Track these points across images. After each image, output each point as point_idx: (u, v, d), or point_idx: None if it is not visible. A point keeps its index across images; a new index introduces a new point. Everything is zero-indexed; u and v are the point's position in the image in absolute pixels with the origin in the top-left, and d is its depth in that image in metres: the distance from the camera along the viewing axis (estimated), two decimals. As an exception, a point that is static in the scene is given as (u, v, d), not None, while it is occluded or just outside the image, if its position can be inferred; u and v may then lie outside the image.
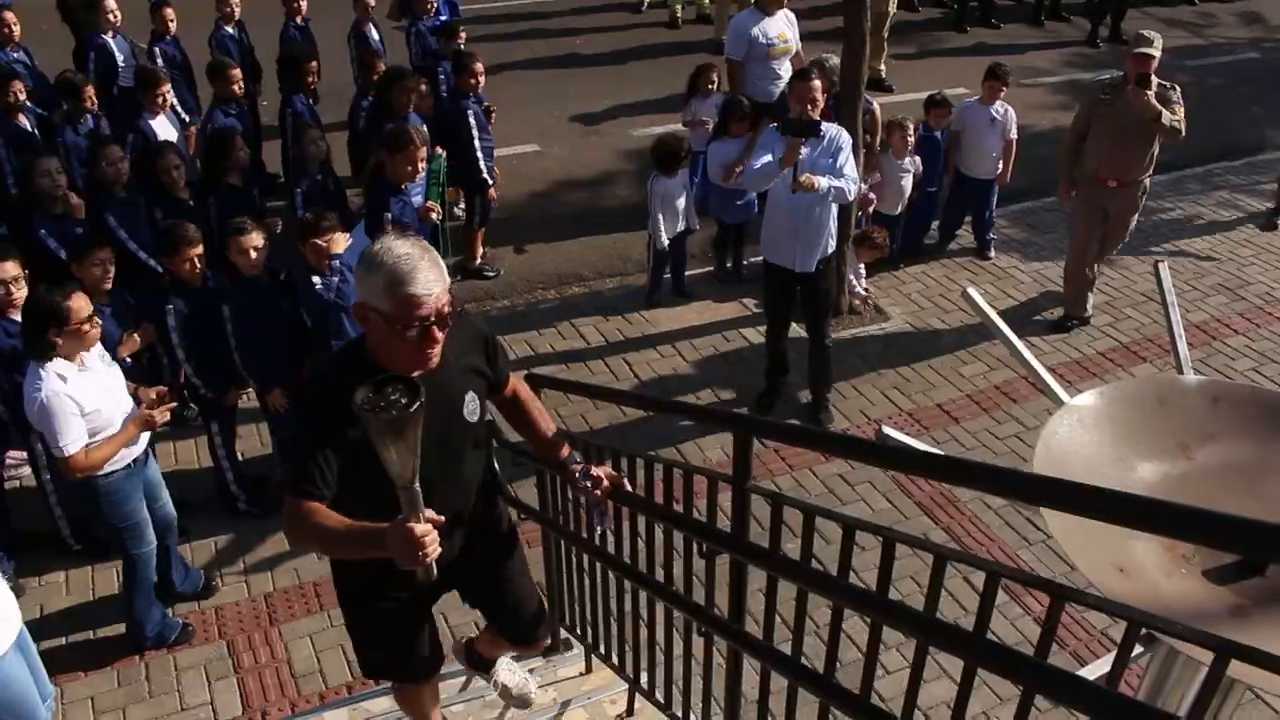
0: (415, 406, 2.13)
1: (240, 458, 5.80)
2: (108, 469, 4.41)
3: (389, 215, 5.47)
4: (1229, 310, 7.77)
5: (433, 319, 2.48)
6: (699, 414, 3.85)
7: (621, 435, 6.17)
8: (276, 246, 5.71)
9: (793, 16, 8.46)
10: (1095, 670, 1.87)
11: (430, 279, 2.45)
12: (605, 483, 3.01)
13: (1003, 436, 6.33)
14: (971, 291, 2.77)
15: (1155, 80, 6.59)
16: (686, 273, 7.80)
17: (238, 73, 7.26)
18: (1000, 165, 8.03)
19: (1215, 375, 6.97)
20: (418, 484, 2.24)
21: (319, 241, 5.19)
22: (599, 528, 3.28)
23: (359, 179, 7.49)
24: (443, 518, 2.36)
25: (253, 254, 5.14)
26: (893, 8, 11.32)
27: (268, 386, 5.37)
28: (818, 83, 5.74)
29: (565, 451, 3.17)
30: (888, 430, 2.14)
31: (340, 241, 5.26)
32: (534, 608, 3.43)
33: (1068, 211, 7.68)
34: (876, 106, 7.86)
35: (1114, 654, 1.59)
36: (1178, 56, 13.02)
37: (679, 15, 13.06)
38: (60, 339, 4.17)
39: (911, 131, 7.60)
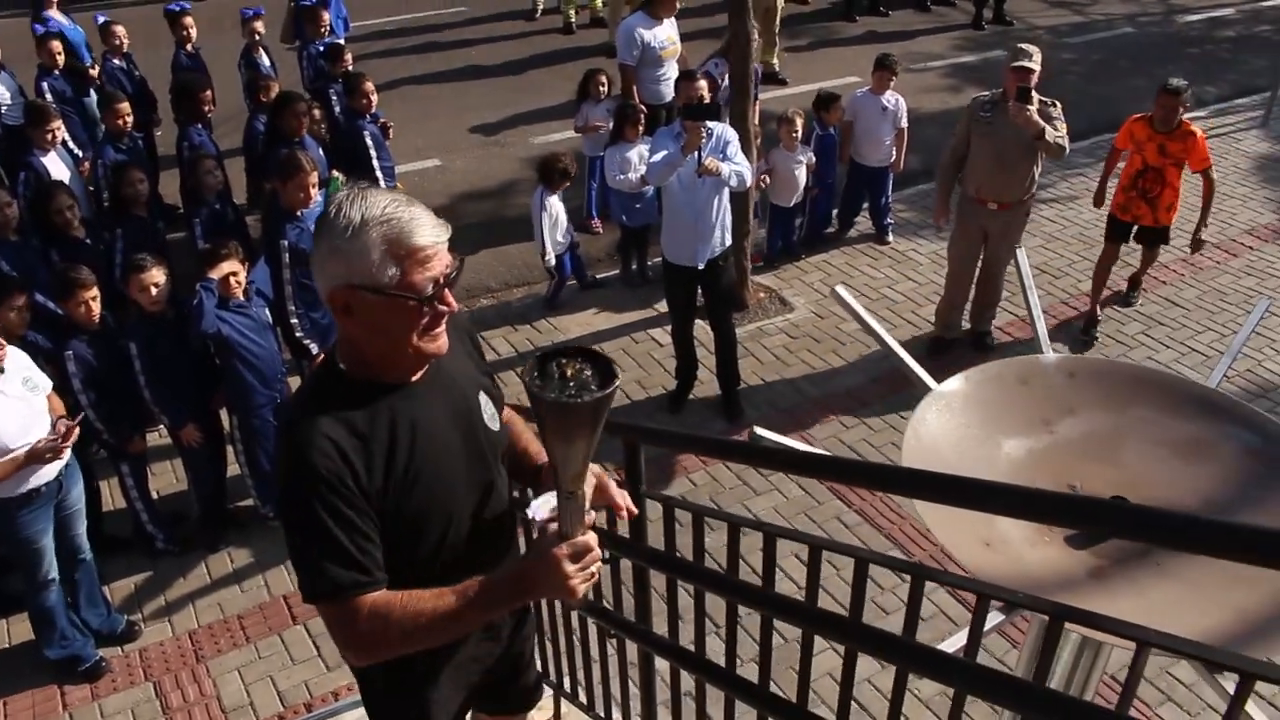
0: (611, 385, 1.71)
1: (155, 495, 5.77)
2: (4, 494, 4.38)
3: (285, 244, 5.47)
4: (1118, 278, 8.04)
5: (444, 279, 1.94)
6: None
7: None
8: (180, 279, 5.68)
9: (674, 20, 8.61)
10: (956, 643, 1.99)
11: (433, 224, 1.93)
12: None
13: (907, 417, 6.47)
14: (840, 290, 2.88)
15: (1037, 96, 6.29)
16: (597, 275, 7.90)
17: (125, 106, 7.17)
18: (893, 153, 8.24)
19: (1109, 341, 7.25)
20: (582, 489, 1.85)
21: (224, 268, 5.19)
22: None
23: (257, 206, 7.46)
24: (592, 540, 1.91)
25: (154, 290, 5.10)
26: (780, 1, 11.51)
27: (180, 422, 5.34)
28: (703, 82, 6.09)
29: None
30: (760, 431, 2.24)
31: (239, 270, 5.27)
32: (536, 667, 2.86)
33: (940, 230, 7.53)
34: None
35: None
36: (1060, 35, 13.43)
37: (573, 20, 13.12)
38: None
39: (799, 126, 7.74)
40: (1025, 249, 8.04)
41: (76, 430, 4.54)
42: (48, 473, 4.52)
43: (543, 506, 2.06)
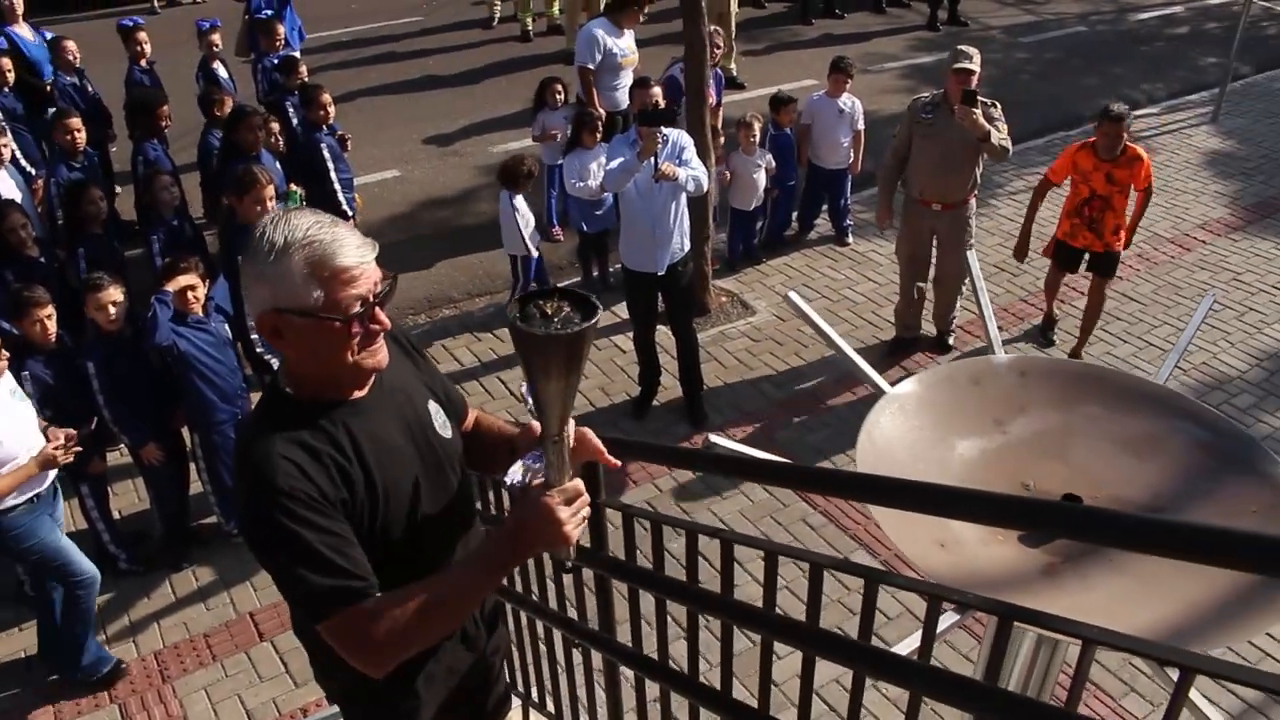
0: (594, 317, 1.75)
1: (118, 515, 5.73)
2: (7, 503, 4.40)
3: (243, 258, 5.43)
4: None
5: (374, 297, 1.94)
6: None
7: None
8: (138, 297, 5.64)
9: (631, 31, 8.65)
10: (911, 644, 2.02)
11: (358, 243, 1.92)
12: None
13: (871, 417, 6.54)
14: (793, 296, 2.91)
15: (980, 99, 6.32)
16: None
17: (76, 122, 7.09)
18: (851, 155, 8.30)
19: (1068, 338, 7.33)
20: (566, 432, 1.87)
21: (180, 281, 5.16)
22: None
23: (216, 221, 7.41)
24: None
25: (111, 310, 5.06)
26: (734, 6, 11.57)
27: (140, 441, 5.30)
28: (657, 89, 6.08)
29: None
30: (715, 439, 2.25)
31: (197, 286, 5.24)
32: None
33: (882, 232, 7.59)
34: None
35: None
36: (1014, 34, 13.59)
37: (530, 29, 13.13)
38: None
39: (757, 130, 7.79)
40: (982, 247, 8.21)
41: (75, 436, 4.60)
42: (42, 479, 4.57)
43: (520, 470, 2.05)
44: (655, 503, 5.90)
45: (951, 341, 7.18)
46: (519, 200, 7.19)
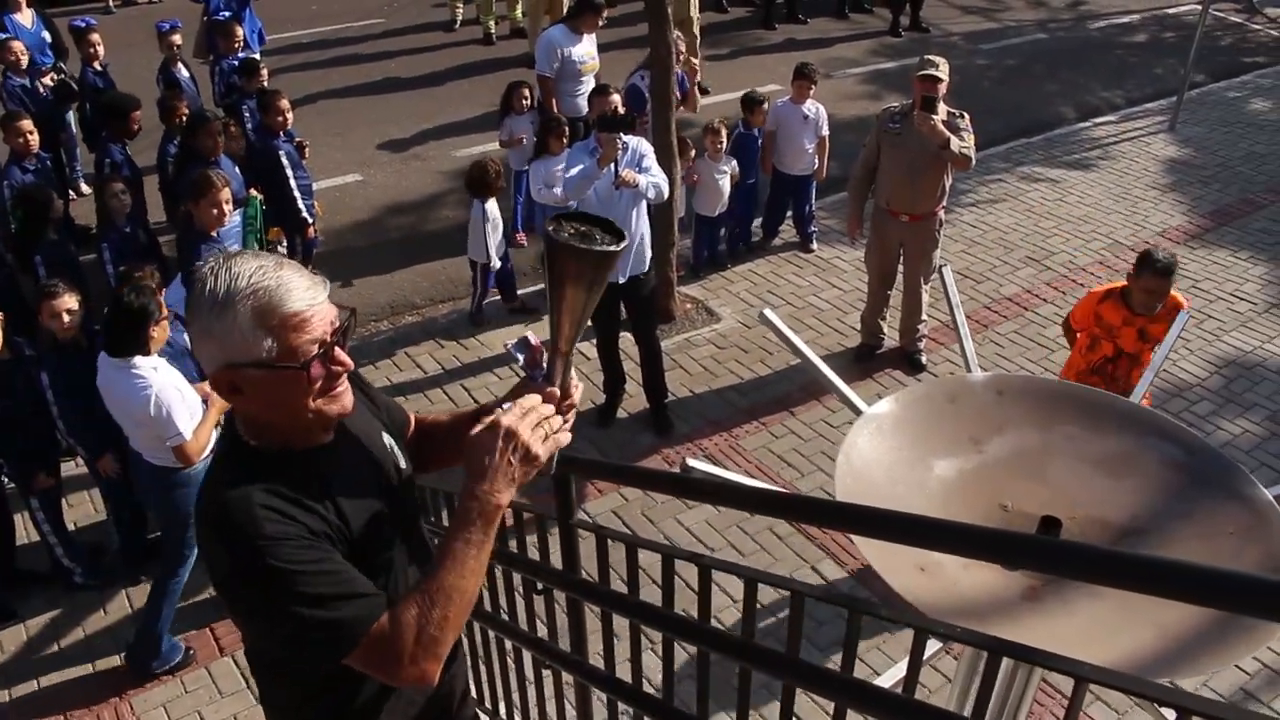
0: (622, 244, 1.82)
1: (73, 526, 5.61)
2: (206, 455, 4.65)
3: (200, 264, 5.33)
4: (1037, 280, 8.21)
5: (332, 337, 1.84)
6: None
7: (452, 474, 6.15)
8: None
9: (592, 35, 8.60)
10: (896, 674, 1.99)
11: (306, 284, 1.82)
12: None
13: (837, 425, 6.53)
14: (768, 313, 2.87)
15: (944, 107, 6.35)
16: (520, 291, 7.84)
17: (27, 124, 6.95)
18: (816, 161, 8.30)
19: (1029, 344, 7.37)
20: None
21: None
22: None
23: (174, 225, 7.29)
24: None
25: (65, 317, 4.95)
26: (695, 11, 11.54)
27: (97, 452, 5.18)
28: (616, 96, 6.07)
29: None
30: (692, 462, 2.22)
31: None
32: None
33: (853, 243, 7.54)
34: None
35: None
36: (974, 41, 13.68)
37: (493, 31, 13.03)
38: (154, 334, 4.59)
39: (725, 136, 7.77)
40: (944, 254, 8.22)
41: None
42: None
43: (521, 345, 2.02)
44: (621, 512, 5.86)
45: (923, 360, 7.17)
46: (490, 206, 7.13)
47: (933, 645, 2.07)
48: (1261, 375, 7.07)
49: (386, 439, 2.16)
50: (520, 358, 2.01)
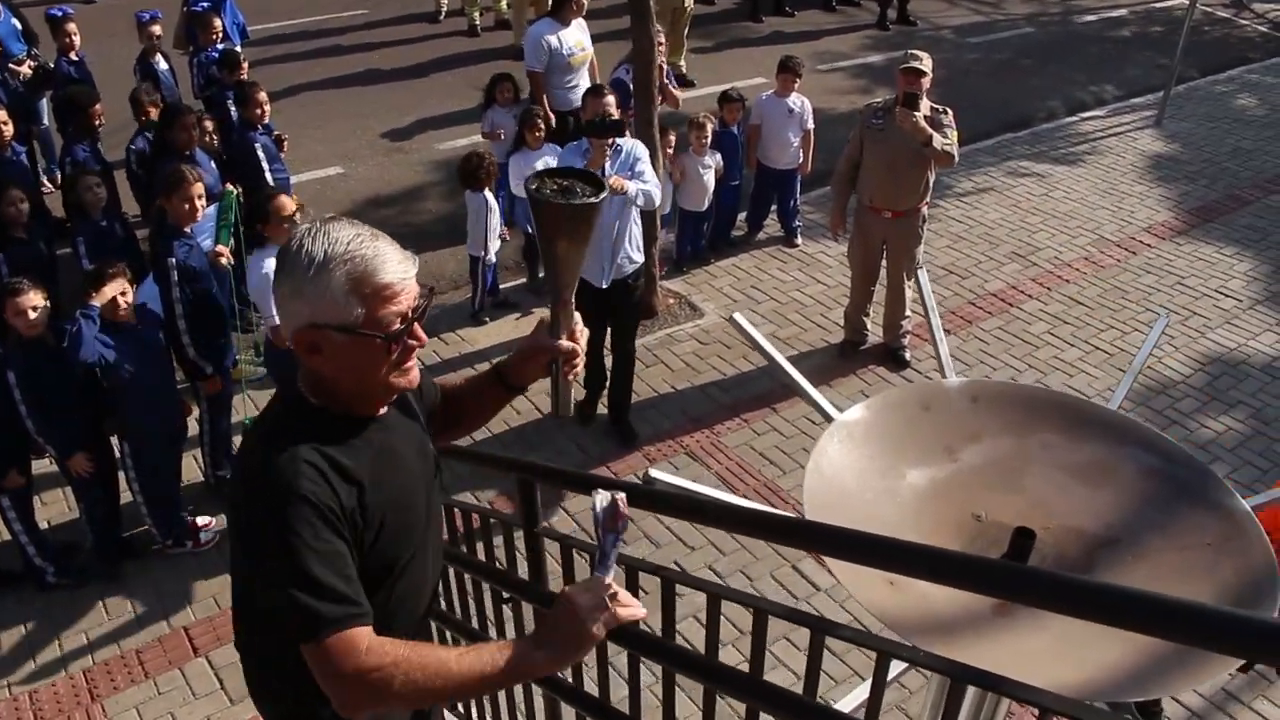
0: (601, 195, 1.94)
1: (46, 525, 5.53)
2: None
3: (173, 261, 5.26)
4: (1023, 276, 8.17)
5: (413, 313, 1.90)
6: (481, 460, 3.76)
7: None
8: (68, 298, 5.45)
9: (584, 24, 8.50)
10: (858, 698, 1.94)
11: (399, 258, 1.89)
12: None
13: (819, 422, 6.40)
14: (738, 317, 2.82)
15: (927, 103, 6.31)
16: (502, 286, 7.78)
17: (1, 114, 6.85)
18: (800, 155, 8.24)
19: (1014, 341, 7.33)
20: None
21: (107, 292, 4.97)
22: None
23: (148, 221, 7.18)
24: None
25: (31, 314, 4.86)
26: (690, 2, 11.48)
27: (68, 451, 5.11)
28: (611, 98, 5.90)
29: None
30: (655, 473, 2.16)
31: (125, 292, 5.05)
32: None
33: (838, 239, 7.47)
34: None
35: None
36: (962, 34, 13.63)
37: (477, 23, 12.93)
38: (267, 230, 5.25)
39: (710, 131, 7.71)
40: (930, 249, 8.19)
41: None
42: None
43: (609, 509, 1.99)
44: (586, 520, 5.78)
45: (907, 356, 7.12)
46: (489, 196, 7.09)
47: (899, 666, 2.02)
48: (1246, 372, 7.04)
49: (421, 429, 2.21)
50: (601, 517, 1.96)
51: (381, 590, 1.98)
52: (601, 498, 1.94)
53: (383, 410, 2.01)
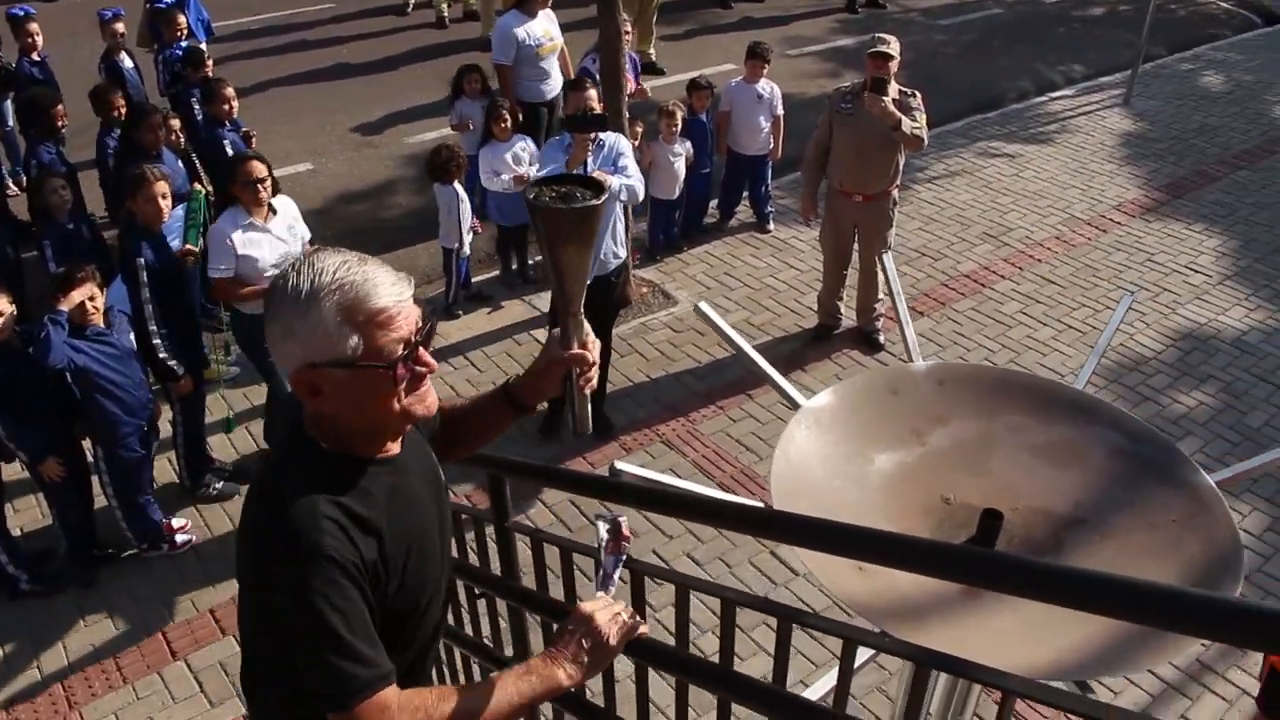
0: (603, 196, 1.89)
1: (19, 532, 5.49)
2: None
3: (141, 262, 5.22)
4: (994, 257, 8.20)
5: (416, 337, 1.77)
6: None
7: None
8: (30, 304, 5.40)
9: (552, 14, 8.46)
10: (826, 685, 1.95)
11: (392, 280, 1.76)
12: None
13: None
14: (703, 306, 2.82)
15: (895, 87, 6.30)
16: (474, 279, 7.76)
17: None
18: (771, 141, 8.24)
19: (987, 321, 7.36)
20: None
21: (75, 296, 4.92)
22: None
23: (116, 222, 7.13)
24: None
25: (-5, 318, 4.82)
26: (657, -11, 11.47)
27: (39, 457, 5.06)
28: (593, 91, 5.83)
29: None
30: (620, 465, 2.15)
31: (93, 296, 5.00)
32: None
33: (809, 224, 7.46)
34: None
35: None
36: (931, 16, 13.65)
37: (445, 15, 12.86)
38: (235, 190, 5.36)
39: (680, 119, 7.70)
40: (902, 231, 8.21)
41: None
42: None
43: (613, 529, 2.01)
44: (557, 510, 5.78)
45: (881, 339, 7.14)
46: (459, 188, 7.06)
47: (867, 653, 2.03)
48: (1216, 347, 7.09)
49: (428, 447, 2.13)
50: (605, 539, 1.99)
51: (404, 634, 1.92)
52: (604, 527, 1.96)
53: (396, 449, 1.91)
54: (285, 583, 1.72)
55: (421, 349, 1.78)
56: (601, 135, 5.65)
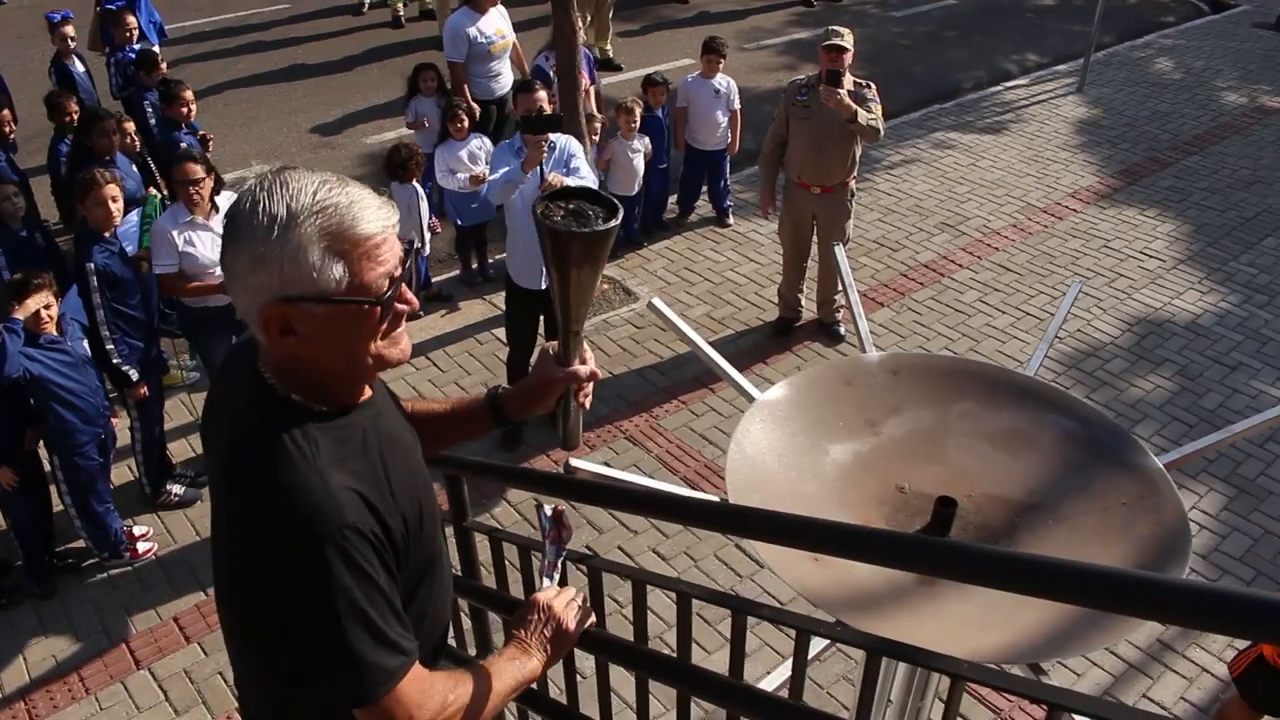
0: (617, 216, 1.80)
1: (-27, 546, 5.43)
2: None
3: (91, 266, 5.16)
4: (953, 246, 8.27)
5: (401, 271, 1.58)
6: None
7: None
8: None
9: (504, 10, 8.44)
10: (780, 676, 1.96)
11: (379, 204, 1.55)
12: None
13: (758, 401, 6.52)
14: (656, 302, 2.83)
15: (850, 79, 6.32)
16: (434, 279, 7.73)
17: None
18: (729, 135, 8.27)
19: (946, 310, 7.42)
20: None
21: (30, 305, 4.86)
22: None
23: (70, 229, 7.05)
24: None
25: (-53, 330, 4.76)
26: (611, -14, 11.45)
27: (-10, 465, 5.01)
28: (542, 93, 5.75)
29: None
30: (575, 463, 2.16)
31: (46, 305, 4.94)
32: None
33: (767, 218, 7.49)
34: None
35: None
36: (886, 8, 13.72)
37: (401, 14, 12.80)
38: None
39: (639, 115, 7.70)
40: (860, 222, 8.25)
41: None
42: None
43: (554, 520, 2.01)
44: (521, 507, 5.78)
45: (842, 331, 7.18)
46: (417, 188, 7.04)
47: (821, 643, 2.04)
48: (1171, 331, 7.18)
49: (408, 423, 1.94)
50: (547, 527, 1.99)
51: (419, 597, 1.77)
52: (545, 514, 1.96)
53: (366, 395, 1.69)
54: (300, 566, 1.50)
55: (404, 286, 1.60)
56: (552, 137, 5.58)
